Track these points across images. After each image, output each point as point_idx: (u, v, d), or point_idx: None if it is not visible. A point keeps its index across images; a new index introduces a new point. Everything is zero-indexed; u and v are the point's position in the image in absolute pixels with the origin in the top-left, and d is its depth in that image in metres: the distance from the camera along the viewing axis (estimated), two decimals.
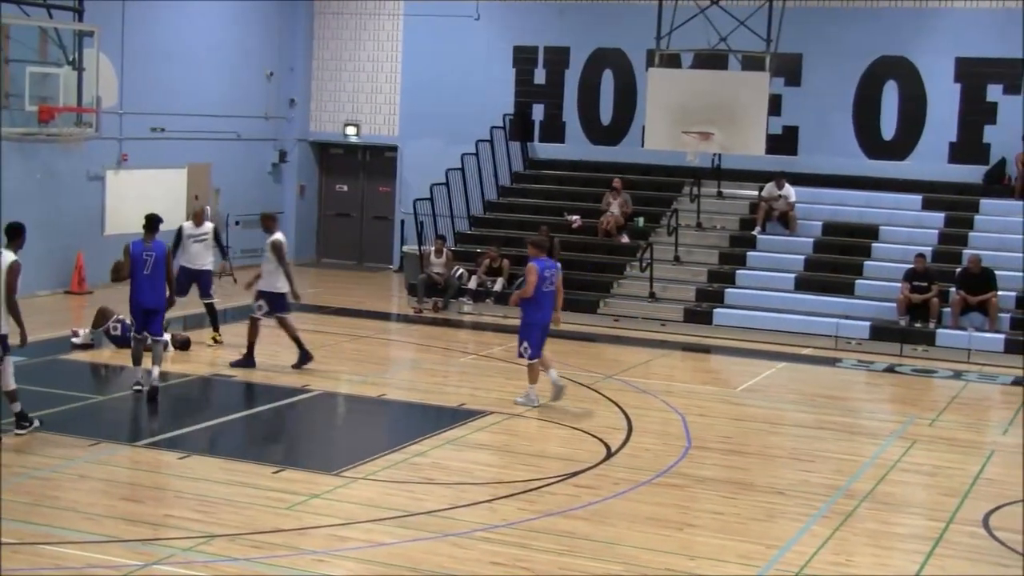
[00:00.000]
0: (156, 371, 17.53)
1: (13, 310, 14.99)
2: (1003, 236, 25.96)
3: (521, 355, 18.23)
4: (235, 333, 21.53)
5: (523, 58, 31.34)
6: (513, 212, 29.99)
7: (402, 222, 30.76)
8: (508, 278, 26.75)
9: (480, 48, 31.53)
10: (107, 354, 20.65)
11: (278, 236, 19.90)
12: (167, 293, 17.96)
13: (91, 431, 15.83)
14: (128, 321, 18.98)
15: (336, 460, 15.23)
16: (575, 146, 30.98)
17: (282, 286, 19.76)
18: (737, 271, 26.63)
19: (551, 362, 18.36)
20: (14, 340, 15.24)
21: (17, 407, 15.39)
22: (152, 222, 17.81)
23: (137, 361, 17.79)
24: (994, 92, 27.63)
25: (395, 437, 16.70)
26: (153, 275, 17.49)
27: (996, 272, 24.33)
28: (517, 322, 25.08)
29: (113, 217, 26.94)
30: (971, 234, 26.39)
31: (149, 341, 17.70)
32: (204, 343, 21.46)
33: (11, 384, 15.29)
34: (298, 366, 19.83)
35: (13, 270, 15.01)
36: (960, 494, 14.73)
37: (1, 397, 15.41)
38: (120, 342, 20.56)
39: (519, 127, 31.18)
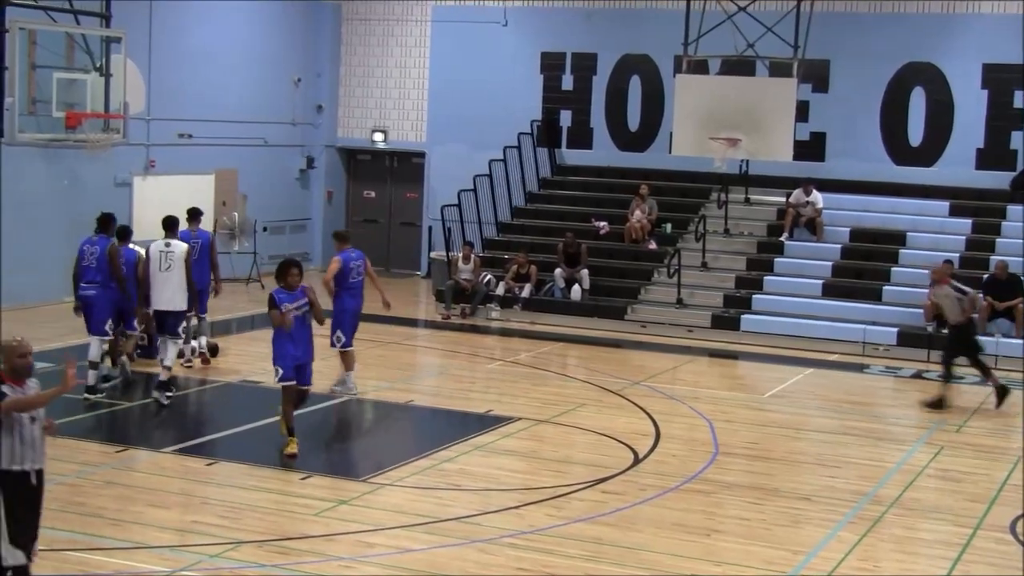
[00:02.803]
0: (203, 340, 20.16)
1: (192, 290, 18.15)
2: None
3: (334, 344, 18.69)
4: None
5: (551, 64, 31.33)
6: (541, 218, 29.99)
7: (430, 228, 30.80)
8: (536, 284, 26.77)
9: (508, 54, 31.53)
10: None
11: None
12: (212, 278, 20.01)
13: (118, 437, 15.91)
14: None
15: (363, 466, 15.29)
16: (603, 152, 30.94)
17: None
18: (765, 277, 26.56)
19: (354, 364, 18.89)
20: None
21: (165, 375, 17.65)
22: (194, 213, 20.05)
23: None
24: (1021, 98, 27.52)
25: (422, 443, 16.73)
26: (200, 259, 19.37)
27: (1023, 278, 24.24)
28: (545, 328, 25.38)
29: (140, 223, 26.85)
30: (998, 240, 26.28)
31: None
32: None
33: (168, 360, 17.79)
34: None
35: (190, 253, 18.29)
36: (987, 500, 14.69)
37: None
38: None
39: (547, 133, 31.14)
